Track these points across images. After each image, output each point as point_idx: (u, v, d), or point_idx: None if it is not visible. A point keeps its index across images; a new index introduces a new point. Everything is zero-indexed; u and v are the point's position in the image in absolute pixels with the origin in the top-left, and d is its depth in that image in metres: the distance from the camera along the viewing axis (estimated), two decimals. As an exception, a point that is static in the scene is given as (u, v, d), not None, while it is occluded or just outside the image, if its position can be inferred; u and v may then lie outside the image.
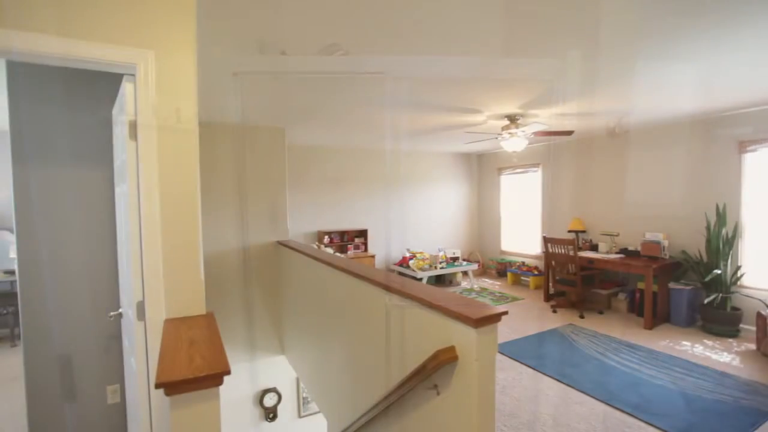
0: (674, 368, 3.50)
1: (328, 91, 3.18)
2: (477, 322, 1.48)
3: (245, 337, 4.43)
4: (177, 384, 1.14)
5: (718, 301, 4.27)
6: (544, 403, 3.01)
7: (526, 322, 4.85)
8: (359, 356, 2.52)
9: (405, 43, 2.23)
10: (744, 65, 2.71)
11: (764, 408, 2.84)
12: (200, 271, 1.74)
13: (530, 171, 6.95)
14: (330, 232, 6.33)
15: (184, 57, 1.65)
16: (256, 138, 4.46)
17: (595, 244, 5.65)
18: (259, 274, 4.49)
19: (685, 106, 3.93)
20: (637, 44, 2.29)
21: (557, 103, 3.68)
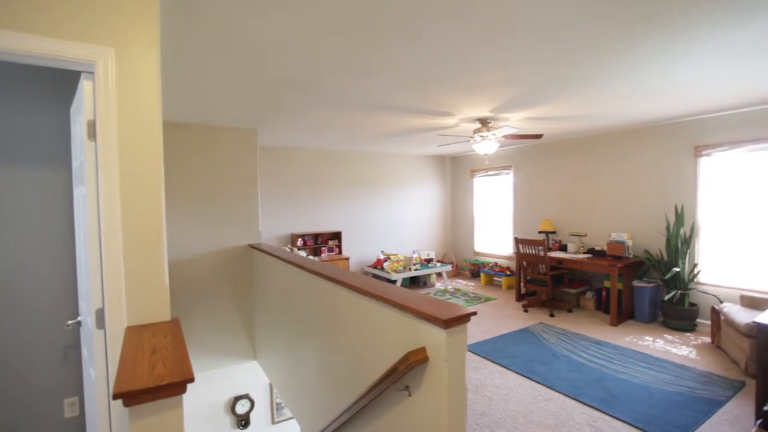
0: (637, 363, 3.64)
1: (299, 92, 3.15)
2: (446, 323, 1.50)
3: (216, 343, 4.32)
4: (136, 394, 1.10)
5: (677, 298, 4.48)
6: (515, 401, 3.07)
7: (499, 322, 4.94)
8: (332, 360, 2.50)
9: (377, 43, 2.24)
10: (697, 75, 2.87)
11: (717, 397, 3.00)
12: (164, 276, 1.68)
13: (502, 173, 7.10)
14: (303, 234, 6.26)
15: (146, 55, 1.60)
16: (226, 139, 4.37)
17: (564, 245, 5.83)
18: (231, 278, 4.40)
19: (646, 112, 4.11)
20: (599, 54, 2.38)
21: (527, 108, 3.78)
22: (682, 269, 4.46)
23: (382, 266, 6.39)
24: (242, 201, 4.47)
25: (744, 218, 4.28)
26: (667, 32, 2.13)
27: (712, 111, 4.22)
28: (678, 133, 4.72)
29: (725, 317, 3.71)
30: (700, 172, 4.58)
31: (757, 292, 4.05)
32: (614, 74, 2.82)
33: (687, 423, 2.70)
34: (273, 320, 3.75)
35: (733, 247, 4.38)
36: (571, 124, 4.71)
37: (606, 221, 5.52)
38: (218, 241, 4.32)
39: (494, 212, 7.35)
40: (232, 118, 3.99)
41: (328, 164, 6.67)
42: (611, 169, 5.44)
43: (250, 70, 2.60)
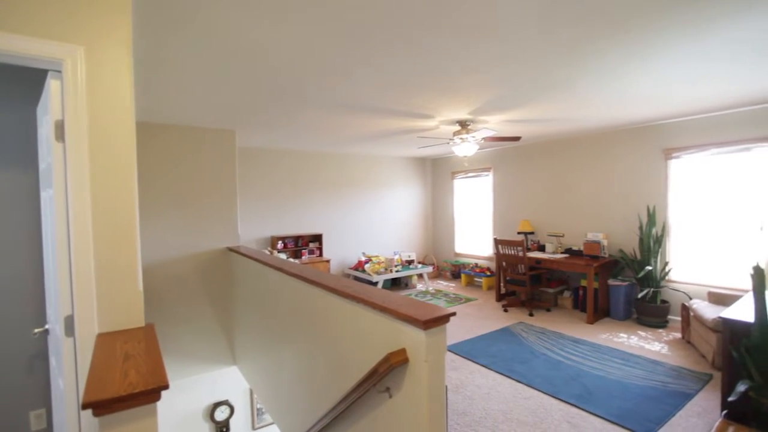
0: (613, 359, 3.74)
1: (278, 93, 3.12)
2: (425, 323, 1.51)
3: (194, 349, 4.23)
4: (107, 403, 1.06)
5: (650, 295, 4.63)
6: (495, 400, 3.11)
7: (479, 322, 5.00)
8: (313, 363, 2.48)
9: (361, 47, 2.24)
10: (664, 81, 2.98)
11: (687, 390, 3.11)
12: (138, 281, 1.63)
13: (482, 175, 7.19)
14: (284, 237, 6.19)
15: (118, 53, 1.56)
16: (204, 140, 4.29)
17: (542, 245, 5.94)
18: (209, 282, 4.31)
19: (618, 115, 4.24)
20: (573, 59, 2.45)
21: (505, 110, 3.84)
22: (654, 268, 4.61)
23: (363, 268, 6.38)
24: (220, 203, 4.39)
25: (710, 218, 4.46)
26: (636, 40, 2.21)
27: (680, 115, 4.39)
28: (649, 136, 4.89)
29: (694, 313, 3.85)
30: (670, 174, 4.75)
31: (723, 288, 4.23)
32: (587, 79, 2.90)
33: (659, 416, 2.78)
34: (253, 324, 3.69)
35: (701, 246, 4.55)
36: (548, 126, 4.81)
37: (582, 221, 5.66)
38: (196, 245, 4.23)
39: (474, 213, 7.44)
40: (210, 118, 3.92)
41: (309, 166, 6.62)
42: (587, 171, 5.58)
43: (227, 69, 2.56)
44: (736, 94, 3.52)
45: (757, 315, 2.06)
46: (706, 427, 2.62)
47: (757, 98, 3.69)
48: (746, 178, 4.18)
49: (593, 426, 2.72)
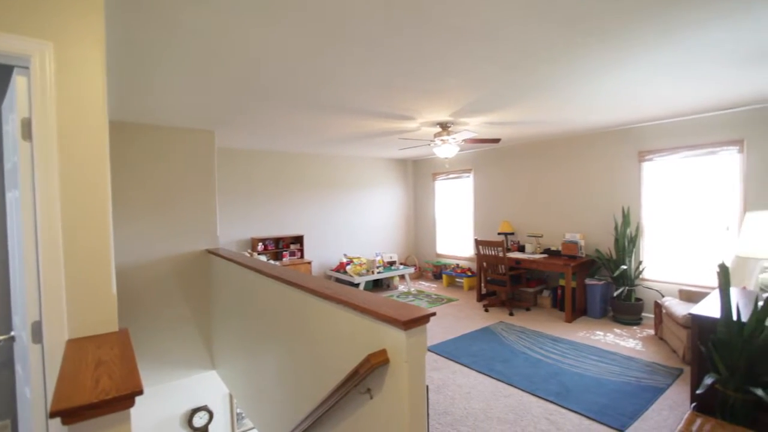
0: (590, 356, 3.83)
1: (257, 94, 3.09)
2: (406, 324, 1.51)
3: (171, 354, 4.13)
4: (77, 410, 1.03)
5: (625, 294, 4.76)
6: (476, 399, 3.14)
7: (461, 322, 5.05)
8: (293, 366, 2.46)
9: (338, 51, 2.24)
10: (636, 86, 3.08)
11: (659, 385, 3.21)
12: (111, 285, 1.59)
13: (463, 176, 7.27)
14: (264, 238, 6.12)
15: (90, 50, 1.51)
16: (182, 140, 4.21)
17: (522, 245, 6.04)
18: (186, 284, 4.22)
19: (595, 118, 4.36)
20: (550, 63, 2.50)
21: (485, 113, 3.90)
22: (628, 267, 4.74)
23: (344, 269, 6.36)
24: (199, 204, 4.31)
25: (681, 219, 4.63)
26: (610, 46, 2.28)
27: (653, 119, 4.54)
28: (624, 139, 5.04)
29: (666, 310, 3.98)
30: (643, 176, 4.90)
31: (693, 286, 4.39)
32: (565, 83, 2.97)
33: (633, 410, 2.86)
34: (232, 327, 3.63)
35: (672, 246, 4.72)
36: (527, 129, 4.90)
37: (561, 222, 5.78)
38: (173, 247, 4.14)
39: (455, 214, 7.51)
40: (188, 118, 3.84)
41: (291, 167, 6.56)
42: (565, 173, 5.71)
43: (204, 69, 2.52)
44: (704, 100, 3.67)
45: (722, 311, 2.14)
46: (676, 420, 2.71)
47: (723, 104, 3.85)
48: (713, 180, 4.36)
49: (571, 422, 2.78)
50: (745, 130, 4.08)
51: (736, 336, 2.09)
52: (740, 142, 4.12)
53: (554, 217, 5.86)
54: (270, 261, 6.01)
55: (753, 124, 4.02)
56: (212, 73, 2.60)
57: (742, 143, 4.10)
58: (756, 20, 1.99)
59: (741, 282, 3.42)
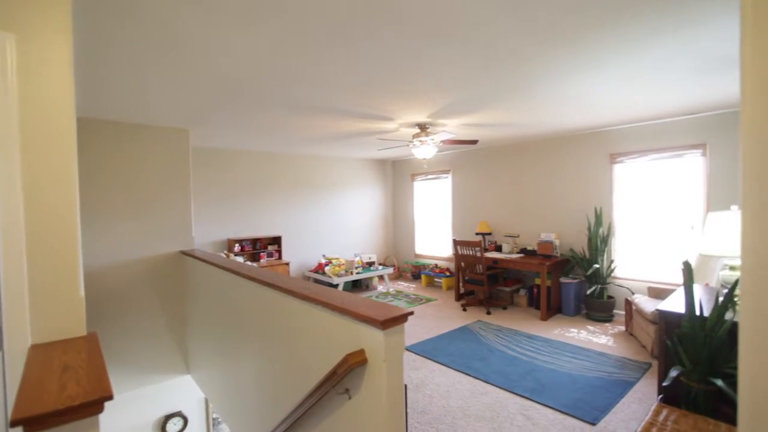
0: (564, 353, 3.93)
1: (233, 92, 3.04)
2: (383, 323, 1.52)
3: (144, 358, 4.01)
4: (41, 418, 0.99)
5: (597, 292, 4.91)
6: (455, 397, 3.18)
7: (439, 322, 5.09)
8: (271, 368, 2.43)
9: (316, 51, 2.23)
10: (604, 91, 3.18)
11: (629, 379, 3.33)
12: (79, 287, 1.53)
13: (441, 177, 7.34)
14: (241, 239, 6.02)
15: (56, 43, 1.45)
16: (155, 139, 4.10)
17: (499, 245, 6.15)
18: (160, 287, 4.11)
19: (568, 121, 4.48)
20: (524, 67, 2.56)
21: (462, 115, 3.95)
22: (601, 265, 4.89)
23: (323, 270, 6.32)
24: (173, 205, 4.21)
25: (650, 219, 4.81)
26: (580, 53, 2.35)
27: (624, 123, 4.70)
28: (596, 141, 5.20)
29: (636, 307, 4.13)
30: (614, 178, 5.07)
31: (661, 283, 4.57)
32: (538, 86, 3.04)
33: (605, 404, 2.96)
34: (207, 330, 3.56)
35: (641, 245, 4.90)
36: (504, 131, 4.99)
37: (536, 222, 5.92)
38: (147, 248, 4.02)
39: (434, 215, 7.58)
40: (162, 116, 3.75)
41: (268, 167, 6.48)
42: (540, 174, 5.85)
43: (177, 66, 2.46)
44: (670, 106, 3.82)
45: (686, 306, 2.24)
46: (644, 412, 2.82)
47: (687, 110, 4.03)
48: (679, 182, 4.55)
49: (546, 417, 2.84)
50: (707, 135, 4.28)
51: (699, 330, 2.19)
52: (703, 145, 4.31)
53: (530, 218, 5.99)
54: (247, 262, 5.92)
55: (714, 129, 4.22)
56: (185, 71, 2.54)
57: (705, 147, 4.30)
58: (713, 31, 2.10)
59: (704, 279, 3.58)
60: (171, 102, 3.26)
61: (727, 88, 3.23)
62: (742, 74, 0.78)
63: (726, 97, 3.54)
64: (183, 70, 2.54)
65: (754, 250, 0.77)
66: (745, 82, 0.77)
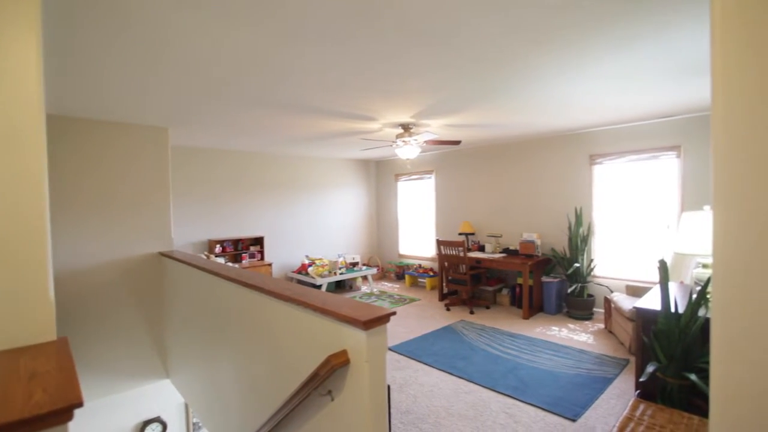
0: (545, 351, 3.99)
1: (213, 91, 2.98)
2: (366, 324, 1.51)
3: (120, 363, 3.90)
4: (6, 427, 0.94)
5: (578, 290, 5.01)
6: (438, 397, 3.19)
7: (423, 322, 5.11)
8: (253, 370, 2.39)
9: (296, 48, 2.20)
10: (589, 94, 3.24)
11: (608, 375, 3.40)
12: (49, 291, 1.47)
13: (425, 177, 7.37)
14: (223, 240, 5.91)
15: (23, 36, 1.40)
16: (133, 137, 3.99)
17: (482, 245, 6.20)
18: (138, 289, 4.01)
19: (549, 122, 4.55)
20: (506, 68, 2.59)
21: (445, 115, 3.97)
22: (581, 264, 4.99)
23: (306, 271, 6.27)
24: (152, 205, 4.11)
25: (627, 218, 4.93)
26: (561, 56, 2.39)
27: (603, 125, 4.80)
28: (576, 142, 5.29)
29: (614, 305, 4.22)
30: (594, 178, 5.18)
31: (639, 281, 4.68)
32: (520, 87, 3.08)
33: (585, 400, 3.01)
34: (187, 334, 3.48)
35: (620, 244, 5.01)
36: (487, 131, 5.04)
37: (518, 222, 5.99)
38: (123, 249, 3.91)
39: (417, 215, 7.60)
40: (139, 114, 3.65)
41: (251, 167, 6.39)
42: (522, 175, 5.92)
43: (153, 63, 2.40)
44: (646, 109, 3.93)
45: (662, 304, 2.30)
46: (623, 407, 2.88)
47: (663, 113, 4.14)
48: (655, 182, 4.68)
49: (528, 414, 2.88)
50: (681, 137, 4.41)
51: (674, 326, 2.25)
52: (678, 147, 4.44)
53: (512, 218, 6.06)
54: (228, 263, 5.82)
55: (688, 132, 4.36)
56: (161, 68, 2.48)
57: (680, 149, 4.43)
58: (690, 34, 2.16)
59: (679, 277, 3.68)
60: (148, 100, 3.18)
61: (701, 91, 3.33)
62: (712, 77, 0.80)
63: (699, 100, 3.65)
64: (160, 68, 2.48)
65: (723, 247, 0.78)
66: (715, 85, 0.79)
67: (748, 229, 0.75)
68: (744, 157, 0.75)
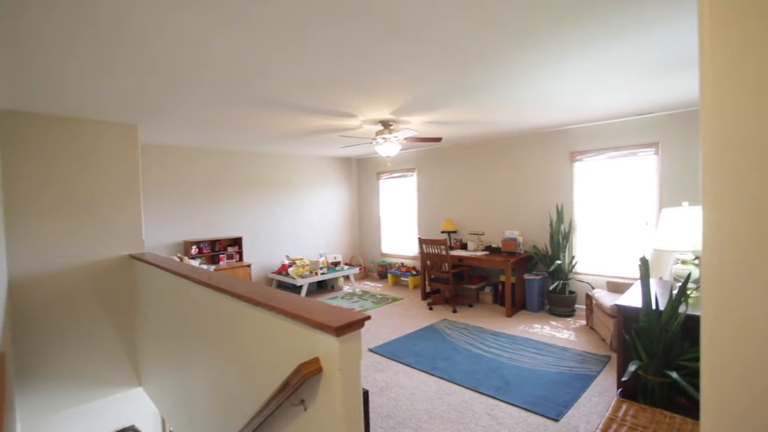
0: (528, 349, 3.97)
1: (183, 86, 2.84)
2: (338, 330, 1.42)
3: (89, 372, 3.72)
4: None
5: (560, 287, 5.01)
6: (420, 399, 3.12)
7: (405, 321, 5.04)
8: (225, 379, 2.27)
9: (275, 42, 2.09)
10: (568, 90, 3.22)
11: (590, 373, 3.39)
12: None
13: (407, 175, 7.30)
14: (199, 241, 5.73)
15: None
16: (99, 135, 3.80)
17: (465, 243, 6.17)
18: (107, 293, 3.83)
19: (531, 119, 4.53)
20: (486, 63, 2.52)
21: (426, 112, 3.90)
22: (563, 261, 4.99)
23: (287, 272, 6.13)
24: (121, 205, 3.93)
25: (607, 215, 4.96)
26: (539, 49, 2.34)
27: (583, 122, 4.81)
28: (557, 140, 5.30)
29: (596, 301, 4.23)
30: (575, 175, 5.19)
31: (619, 278, 4.71)
32: (500, 83, 3.02)
33: (567, 399, 2.98)
34: (159, 340, 3.33)
35: (600, 240, 5.04)
36: (468, 128, 5.00)
37: (500, 220, 5.98)
38: (90, 253, 3.73)
39: (400, 213, 7.53)
40: (105, 110, 3.47)
41: (228, 165, 6.21)
42: (504, 172, 5.91)
43: (117, 55, 2.25)
44: (625, 105, 3.93)
45: (643, 301, 2.27)
46: (605, 405, 2.86)
47: (641, 109, 4.16)
48: (634, 179, 4.71)
49: (511, 415, 2.83)
50: (659, 134, 4.45)
51: (655, 324, 2.22)
52: (656, 144, 4.48)
53: (494, 215, 6.05)
54: (204, 265, 5.65)
55: (666, 129, 4.39)
56: (125, 60, 2.33)
57: (658, 146, 4.46)
58: (672, 30, 2.13)
59: (658, 273, 3.70)
60: (115, 95, 3.01)
61: (680, 88, 3.33)
62: (700, 72, 0.74)
63: (677, 97, 3.67)
64: (122, 61, 2.33)
65: (714, 243, 0.73)
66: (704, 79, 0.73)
67: (741, 225, 0.69)
68: (735, 150, 0.69)
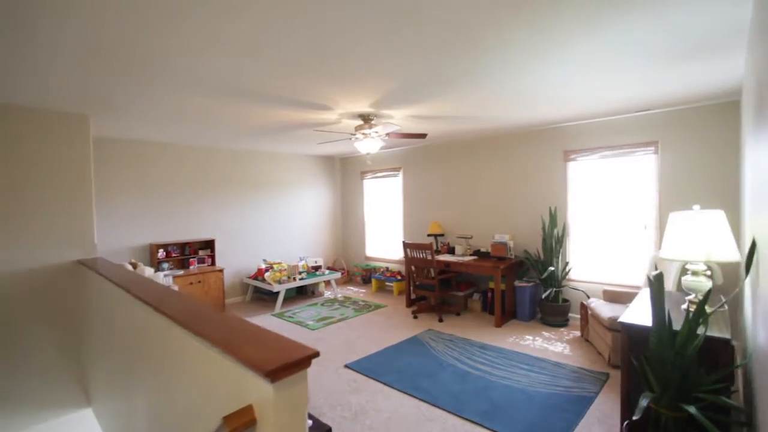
0: (519, 365, 3.63)
1: (140, 69, 2.44)
2: (271, 374, 1.05)
3: (29, 393, 3.31)
4: None
5: (553, 295, 4.70)
6: (397, 426, 2.75)
7: (387, 332, 4.68)
8: (165, 410, 1.89)
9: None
10: (563, 80, 2.89)
11: (587, 393, 3.07)
12: None
13: (392, 175, 6.95)
14: (167, 244, 5.30)
15: None
16: (44, 125, 3.39)
17: (452, 247, 5.83)
18: (50, 304, 3.42)
19: (522, 116, 4.21)
20: (475, 50, 2.18)
21: (409, 105, 3.56)
22: (556, 267, 4.68)
23: (263, 277, 5.73)
24: (69, 204, 3.52)
25: (603, 218, 4.65)
26: (532, 33, 2.01)
27: (577, 119, 4.50)
28: (550, 138, 4.99)
29: (591, 312, 3.92)
30: (569, 176, 4.88)
31: (616, 286, 4.41)
32: (491, 72, 2.69)
33: (563, 427, 2.65)
34: (107, 355, 2.92)
35: (595, 245, 4.73)
36: (455, 125, 4.67)
37: (490, 222, 5.65)
38: (29, 259, 3.31)
39: (385, 215, 7.17)
40: (49, 98, 3.06)
41: (198, 163, 5.78)
42: (494, 172, 5.59)
43: (61, 33, 1.85)
44: (623, 101, 3.62)
45: (655, 321, 1.95)
46: (606, 435, 2.54)
47: (640, 106, 3.86)
48: (631, 180, 4.41)
49: (499, 446, 2.49)
50: (659, 132, 4.16)
51: (668, 347, 1.90)
52: (655, 143, 4.19)
53: (483, 218, 5.73)
54: (173, 270, 5.24)
55: (666, 127, 4.11)
56: (70, 39, 1.93)
57: (657, 144, 4.18)
58: (669, 20, 1.81)
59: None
60: (58, 81, 2.61)
61: (682, 81, 3.03)
62: None
63: (678, 92, 3.37)
64: (67, 39, 1.93)
65: None
66: None
67: None
68: None
